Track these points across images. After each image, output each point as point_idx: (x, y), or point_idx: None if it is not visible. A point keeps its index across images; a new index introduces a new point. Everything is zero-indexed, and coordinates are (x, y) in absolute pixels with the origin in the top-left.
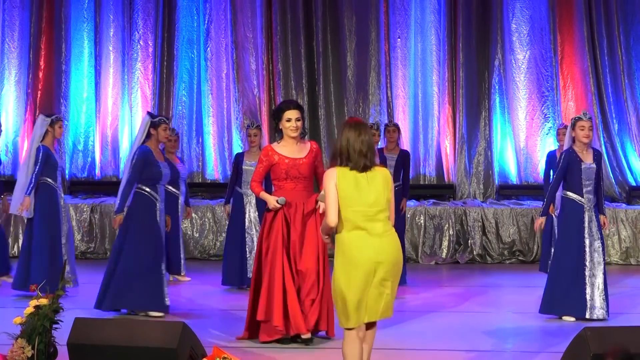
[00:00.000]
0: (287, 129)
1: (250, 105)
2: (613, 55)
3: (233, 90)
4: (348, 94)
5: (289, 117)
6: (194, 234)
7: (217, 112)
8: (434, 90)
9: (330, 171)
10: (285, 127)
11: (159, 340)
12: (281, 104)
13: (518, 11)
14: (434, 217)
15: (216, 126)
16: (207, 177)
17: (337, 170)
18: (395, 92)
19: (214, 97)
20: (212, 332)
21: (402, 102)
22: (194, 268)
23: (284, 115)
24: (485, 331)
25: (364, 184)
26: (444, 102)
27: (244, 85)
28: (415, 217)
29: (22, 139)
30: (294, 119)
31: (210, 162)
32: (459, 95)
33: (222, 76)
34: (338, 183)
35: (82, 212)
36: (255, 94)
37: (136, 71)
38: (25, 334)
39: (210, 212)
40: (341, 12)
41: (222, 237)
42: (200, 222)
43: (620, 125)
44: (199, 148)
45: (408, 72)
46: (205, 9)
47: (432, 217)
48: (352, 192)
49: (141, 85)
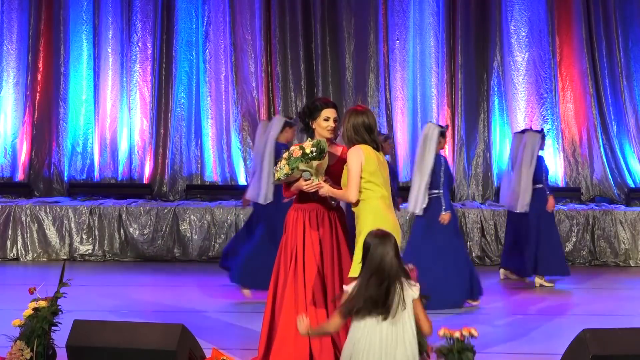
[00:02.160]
0: (324, 129)
1: (249, 107)
2: (611, 57)
3: (232, 93)
4: (347, 96)
5: (327, 116)
6: (192, 236)
7: (215, 114)
8: (432, 92)
9: (357, 149)
10: (321, 127)
11: (158, 343)
12: (317, 102)
13: (517, 13)
14: None
15: (215, 128)
16: (205, 179)
17: (363, 148)
18: (394, 94)
19: (213, 99)
20: (211, 334)
21: (400, 104)
22: (193, 270)
23: (322, 114)
24: (482, 332)
25: (382, 161)
26: (442, 104)
27: (242, 87)
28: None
29: (21, 141)
30: (332, 118)
31: (209, 164)
32: (458, 97)
33: (221, 78)
34: (366, 160)
35: (81, 215)
36: (254, 96)
37: (135, 73)
38: (24, 337)
39: (209, 215)
40: (340, 14)
41: (220, 239)
42: (199, 224)
43: (618, 127)
44: (197, 150)
45: (407, 74)
46: (204, 11)
47: None
48: (377, 168)
49: (140, 88)
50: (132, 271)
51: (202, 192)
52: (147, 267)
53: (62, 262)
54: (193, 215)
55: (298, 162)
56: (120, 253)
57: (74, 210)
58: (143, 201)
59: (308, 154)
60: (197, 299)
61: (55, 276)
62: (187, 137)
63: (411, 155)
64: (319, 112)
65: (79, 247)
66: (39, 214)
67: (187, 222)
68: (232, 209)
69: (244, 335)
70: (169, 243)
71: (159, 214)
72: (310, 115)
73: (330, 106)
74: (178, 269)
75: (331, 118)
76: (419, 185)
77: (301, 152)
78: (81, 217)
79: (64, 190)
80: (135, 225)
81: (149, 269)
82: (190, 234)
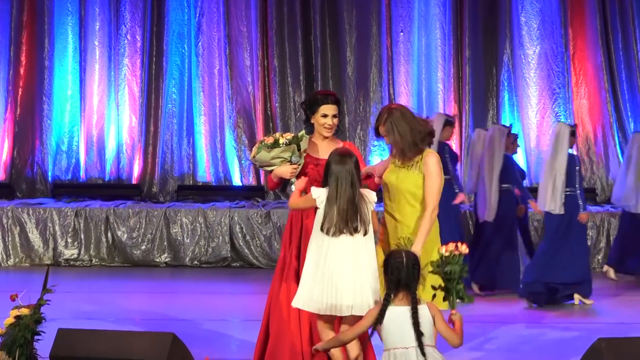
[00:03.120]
0: (321, 127)
1: (245, 103)
2: (628, 50)
3: (226, 88)
4: (348, 91)
5: (325, 113)
6: (184, 240)
7: (209, 110)
8: (439, 87)
9: (437, 156)
10: (318, 124)
11: (147, 353)
12: (318, 95)
13: (527, 4)
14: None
15: (208, 125)
16: (198, 179)
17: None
18: (397, 89)
19: (206, 94)
20: (204, 344)
21: (405, 100)
22: (184, 276)
23: (320, 110)
24: (496, 342)
25: None
26: (449, 99)
27: (237, 82)
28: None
29: (2, 139)
30: (331, 115)
31: (202, 163)
32: (466, 93)
33: (215, 72)
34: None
35: (66, 217)
36: (250, 91)
37: (123, 67)
38: (5, 346)
39: (202, 217)
40: (340, 5)
41: (214, 243)
42: (192, 227)
43: (636, 124)
44: (189, 148)
45: (411, 68)
46: (197, 2)
47: None
48: None
49: (129, 82)
50: (120, 277)
51: (195, 193)
52: (136, 273)
53: (46, 267)
54: (185, 218)
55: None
56: (108, 258)
57: (58, 212)
58: (132, 203)
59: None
60: (189, 307)
61: (39, 282)
62: (178, 135)
63: None
64: (318, 107)
65: (63, 251)
66: (21, 216)
67: (179, 225)
68: (227, 210)
69: (239, 346)
70: (160, 247)
71: (148, 216)
72: (310, 109)
73: (331, 102)
74: (169, 275)
75: (329, 115)
76: (554, 184)
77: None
78: (66, 219)
79: (47, 191)
80: (123, 228)
81: (138, 275)
82: (181, 238)
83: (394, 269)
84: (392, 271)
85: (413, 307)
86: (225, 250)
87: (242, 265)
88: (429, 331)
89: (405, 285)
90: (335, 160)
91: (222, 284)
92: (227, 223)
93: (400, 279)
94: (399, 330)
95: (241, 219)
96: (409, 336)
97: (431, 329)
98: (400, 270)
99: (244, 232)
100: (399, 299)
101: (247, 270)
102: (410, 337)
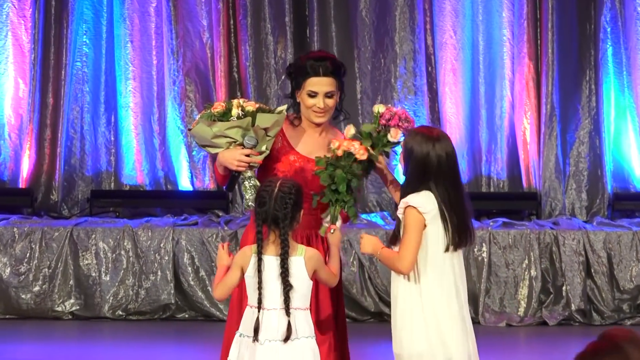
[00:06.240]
0: (309, 110)
1: (197, 60)
2: None
3: (168, 36)
4: (360, 42)
5: (313, 90)
6: (101, 277)
7: (141, 71)
8: (504, 36)
9: None
10: (305, 105)
11: None
12: (305, 59)
13: None
14: (506, 248)
15: (140, 95)
16: (123, 180)
17: None
18: (439, 38)
19: (136, 47)
20: None
21: (450, 56)
22: (100, 333)
23: (306, 84)
24: None
25: None
26: (521, 55)
27: (186, 26)
28: (473, 248)
29: None
30: (322, 94)
31: (129, 156)
32: (547, 45)
33: (150, 12)
34: None
35: None
36: (205, 41)
37: (6, 4)
38: None
39: (130, 241)
40: None
41: (149, 282)
42: (113, 256)
43: None
44: (109, 133)
45: (461, 4)
46: None
47: (502, 247)
48: None
49: (13, 27)
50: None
51: (118, 202)
52: (26, 329)
53: None
54: (102, 242)
55: (202, 121)
56: None
57: None
58: (18, 218)
59: (230, 116)
60: None
61: None
62: (92, 112)
63: (470, 141)
64: (303, 81)
65: None
66: None
67: (92, 254)
68: (169, 230)
69: None
70: (62, 289)
71: (44, 239)
72: (294, 80)
73: (323, 72)
74: (76, 332)
75: (320, 94)
76: None
77: (223, 108)
78: None
79: None
80: (4, 259)
81: (28, 332)
82: (97, 274)
83: (260, 200)
84: (259, 203)
85: (283, 252)
86: (167, 294)
87: (192, 317)
88: (303, 289)
89: (273, 221)
90: None
91: (161, 346)
92: (169, 250)
93: (268, 213)
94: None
95: (192, 243)
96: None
97: (307, 288)
98: (265, 201)
99: (196, 265)
100: (271, 242)
101: (202, 324)
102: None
